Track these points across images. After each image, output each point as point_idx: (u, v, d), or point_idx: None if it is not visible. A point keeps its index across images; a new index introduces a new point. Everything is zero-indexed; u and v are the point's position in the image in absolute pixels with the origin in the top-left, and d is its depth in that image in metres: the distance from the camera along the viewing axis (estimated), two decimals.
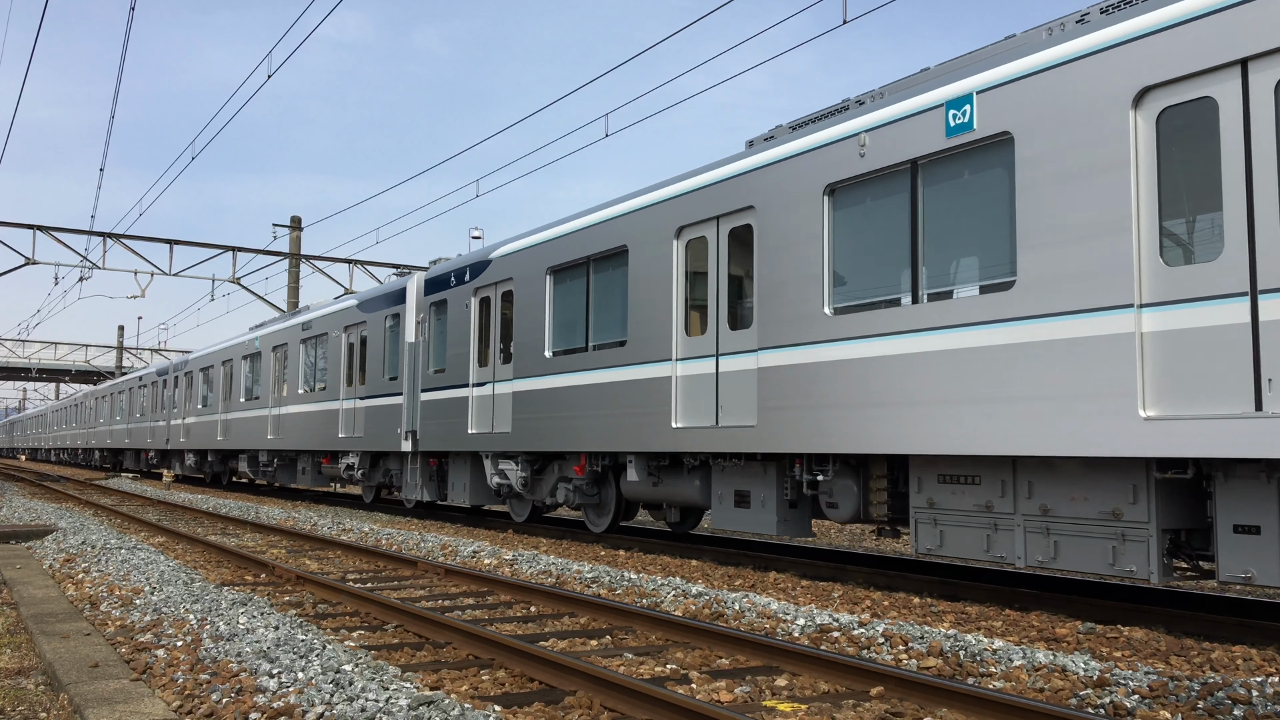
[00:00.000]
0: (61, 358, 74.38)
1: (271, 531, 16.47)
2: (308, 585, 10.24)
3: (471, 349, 17.22)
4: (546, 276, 15.17)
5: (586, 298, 14.33)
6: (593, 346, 14.10)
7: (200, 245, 33.74)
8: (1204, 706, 5.41)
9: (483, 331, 17.05)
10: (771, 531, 11.39)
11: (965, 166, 9.35)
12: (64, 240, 31.89)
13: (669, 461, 13.17)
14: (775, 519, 11.40)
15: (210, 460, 34.05)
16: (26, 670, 6.71)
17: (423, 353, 19.01)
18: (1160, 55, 7.69)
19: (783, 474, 11.44)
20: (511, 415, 15.75)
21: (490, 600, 9.51)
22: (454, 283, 17.98)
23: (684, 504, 13.11)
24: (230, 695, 5.48)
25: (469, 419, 17.11)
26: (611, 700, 5.46)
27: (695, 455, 12.59)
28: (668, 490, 13.26)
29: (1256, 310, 7.12)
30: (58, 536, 14.87)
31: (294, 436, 25.11)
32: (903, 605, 9.14)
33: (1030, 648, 6.81)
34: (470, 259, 17.65)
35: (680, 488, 13.01)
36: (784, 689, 6.02)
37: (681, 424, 12.34)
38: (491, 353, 16.68)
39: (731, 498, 12.04)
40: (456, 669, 6.49)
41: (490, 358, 16.71)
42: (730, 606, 8.54)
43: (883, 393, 9.76)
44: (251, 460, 29.10)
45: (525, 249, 15.82)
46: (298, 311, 26.85)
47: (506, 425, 15.93)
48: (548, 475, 15.73)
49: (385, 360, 20.43)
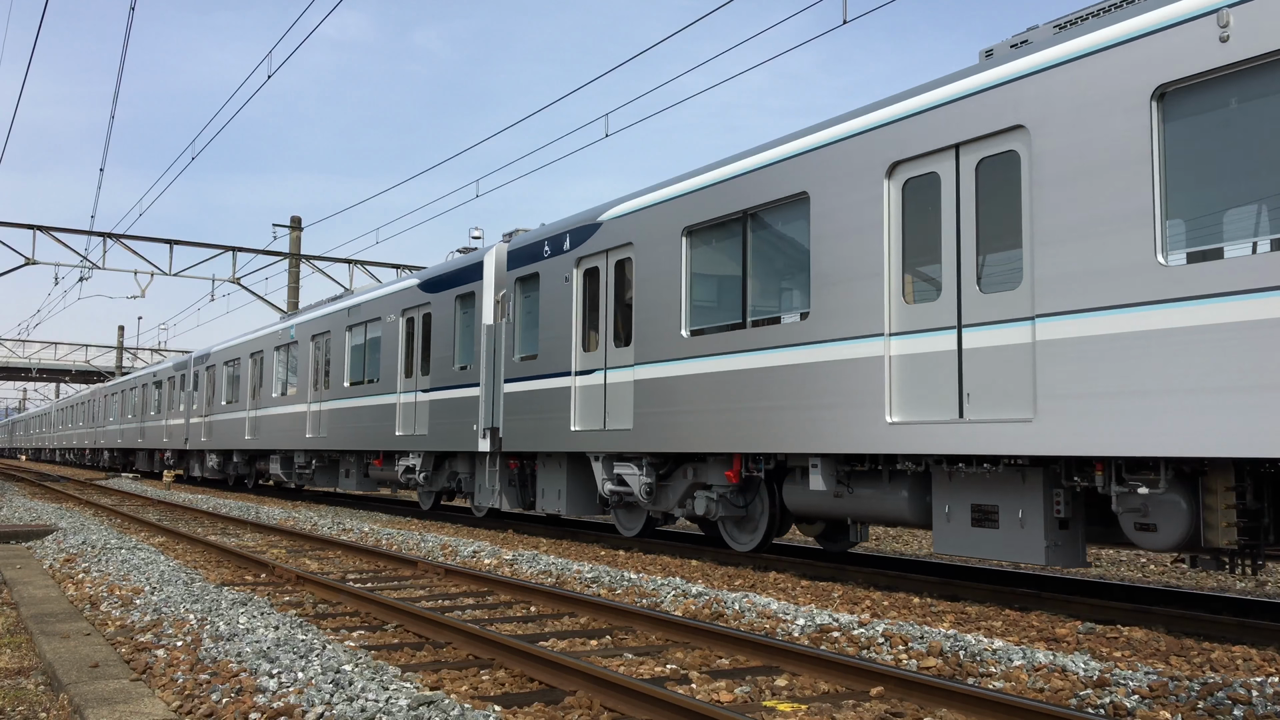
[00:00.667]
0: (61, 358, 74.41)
1: (271, 531, 16.47)
2: (308, 585, 10.24)
3: (574, 330, 14.57)
4: (681, 239, 12.46)
5: (743, 261, 11.68)
6: (752, 322, 11.55)
7: (200, 245, 33.77)
8: (1204, 706, 5.41)
9: (589, 309, 14.43)
10: (1036, 560, 8.71)
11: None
12: (64, 240, 31.90)
13: (866, 466, 10.51)
14: (1042, 543, 8.71)
15: (235, 462, 31.36)
16: (26, 670, 6.71)
17: (505, 337, 16.35)
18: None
19: (1051, 483, 8.85)
20: (633, 409, 13.14)
21: (490, 600, 9.51)
22: (548, 253, 15.29)
23: (882, 519, 10.52)
24: (230, 695, 5.49)
25: (572, 414, 14.47)
26: (611, 700, 5.46)
27: (917, 459, 9.80)
28: (859, 502, 10.66)
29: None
30: (58, 536, 14.87)
31: (338, 435, 22.33)
32: (903, 605, 9.14)
33: (1030, 648, 6.81)
34: (569, 223, 14.99)
35: (880, 500, 10.41)
36: (784, 689, 6.02)
37: (899, 418, 9.69)
38: (602, 334, 14.11)
39: (966, 514, 9.39)
40: (456, 669, 6.49)
41: (600, 340, 14.14)
42: (730, 606, 8.54)
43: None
44: (285, 462, 26.65)
45: (648, 208, 13.17)
46: (341, 295, 24.48)
47: (624, 421, 13.38)
48: (675, 481, 13.17)
49: (455, 346, 17.81)
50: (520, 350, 16.08)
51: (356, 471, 22.52)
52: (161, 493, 28.85)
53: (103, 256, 32.68)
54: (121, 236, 32.54)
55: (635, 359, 13.23)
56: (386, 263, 36.07)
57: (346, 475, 23.05)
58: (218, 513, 20.03)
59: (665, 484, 13.37)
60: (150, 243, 34.36)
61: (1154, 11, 7.85)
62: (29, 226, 31.10)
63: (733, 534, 12.86)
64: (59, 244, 31.90)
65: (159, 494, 28.12)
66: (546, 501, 15.73)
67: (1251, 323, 7.09)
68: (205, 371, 33.23)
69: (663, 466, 13.36)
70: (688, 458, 12.96)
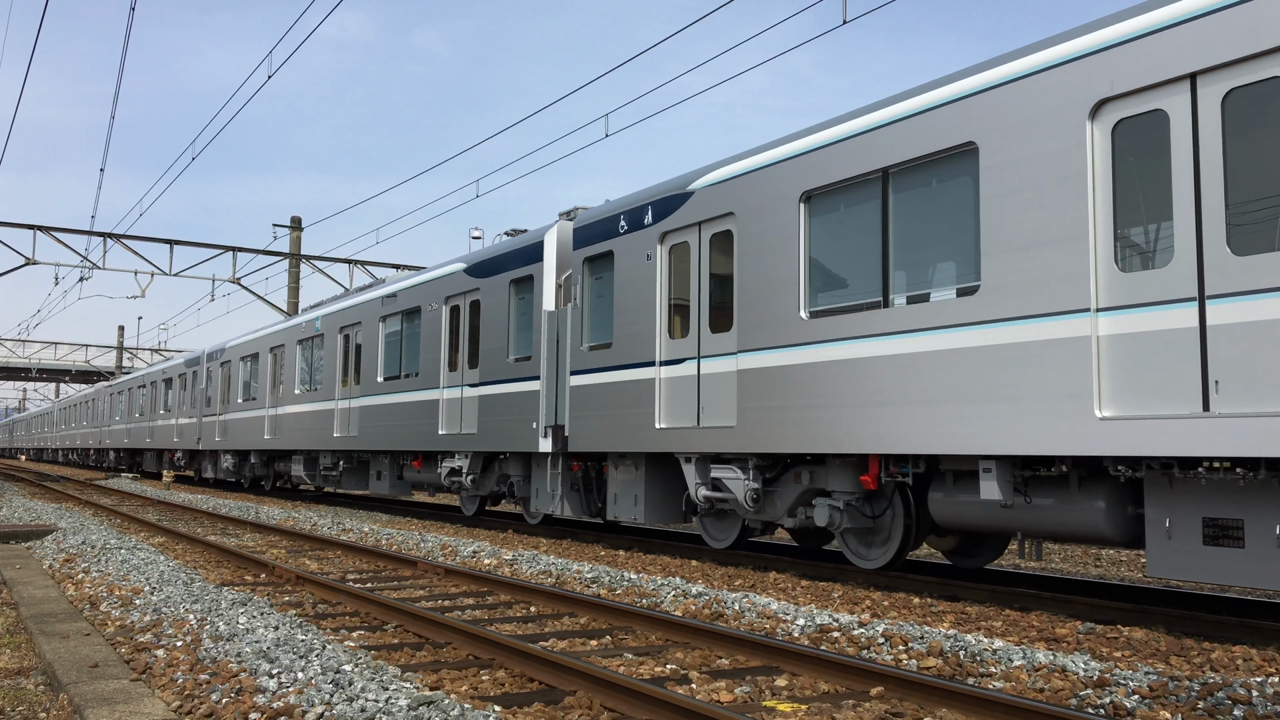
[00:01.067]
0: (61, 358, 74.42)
1: (271, 531, 16.47)
2: (308, 585, 10.24)
3: (658, 314, 12.97)
4: (798, 205, 10.91)
5: (882, 229, 10.06)
6: (895, 300, 9.97)
7: (200, 245, 33.79)
8: (1204, 706, 5.41)
9: (675, 290, 12.82)
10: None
11: None
12: (64, 240, 31.91)
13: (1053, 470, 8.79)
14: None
15: (253, 463, 29.47)
16: (26, 670, 6.71)
17: (572, 324, 14.66)
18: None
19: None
20: (737, 403, 11.58)
21: (490, 600, 9.51)
22: (624, 228, 13.63)
23: (1066, 534, 8.92)
24: (230, 695, 5.48)
25: (656, 409, 12.82)
26: (611, 700, 5.46)
27: (1133, 462, 8.13)
28: (1037, 515, 9.02)
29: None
30: (58, 536, 14.87)
31: (370, 434, 20.73)
32: (903, 605, 9.14)
33: (1030, 648, 6.81)
34: (649, 195, 13.32)
35: (1066, 512, 8.80)
36: (784, 689, 6.02)
37: (1112, 412, 8.04)
38: (695, 319, 12.45)
39: (1196, 530, 7.76)
40: (456, 669, 6.49)
41: (692, 325, 12.49)
42: (730, 606, 8.54)
43: None
44: (308, 463, 24.99)
45: (755, 172, 11.55)
46: (372, 285, 22.81)
47: (724, 417, 11.81)
48: (784, 487, 11.57)
49: (510, 336, 16.19)
50: (590, 338, 14.39)
51: (389, 473, 20.91)
52: (161, 493, 28.85)
53: (103, 256, 32.68)
54: (121, 236, 32.55)
55: (739, 346, 11.59)
56: (386, 263, 36.09)
57: (378, 478, 21.41)
58: (217, 513, 20.03)
59: (772, 490, 11.74)
60: (150, 243, 34.38)
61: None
62: (29, 226, 31.11)
63: (857, 549, 11.09)
64: (59, 244, 31.91)
65: (159, 494, 28.12)
66: (619, 508, 14.02)
67: None
68: (220, 368, 31.62)
69: (770, 470, 11.73)
70: (800, 460, 11.47)
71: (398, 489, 20.76)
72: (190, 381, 34.81)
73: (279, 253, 35.82)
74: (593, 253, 14.36)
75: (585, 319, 14.51)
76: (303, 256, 36.46)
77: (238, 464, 30.83)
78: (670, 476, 13.77)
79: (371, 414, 20.73)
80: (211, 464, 33.60)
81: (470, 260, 17.54)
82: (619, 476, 14.13)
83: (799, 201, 10.97)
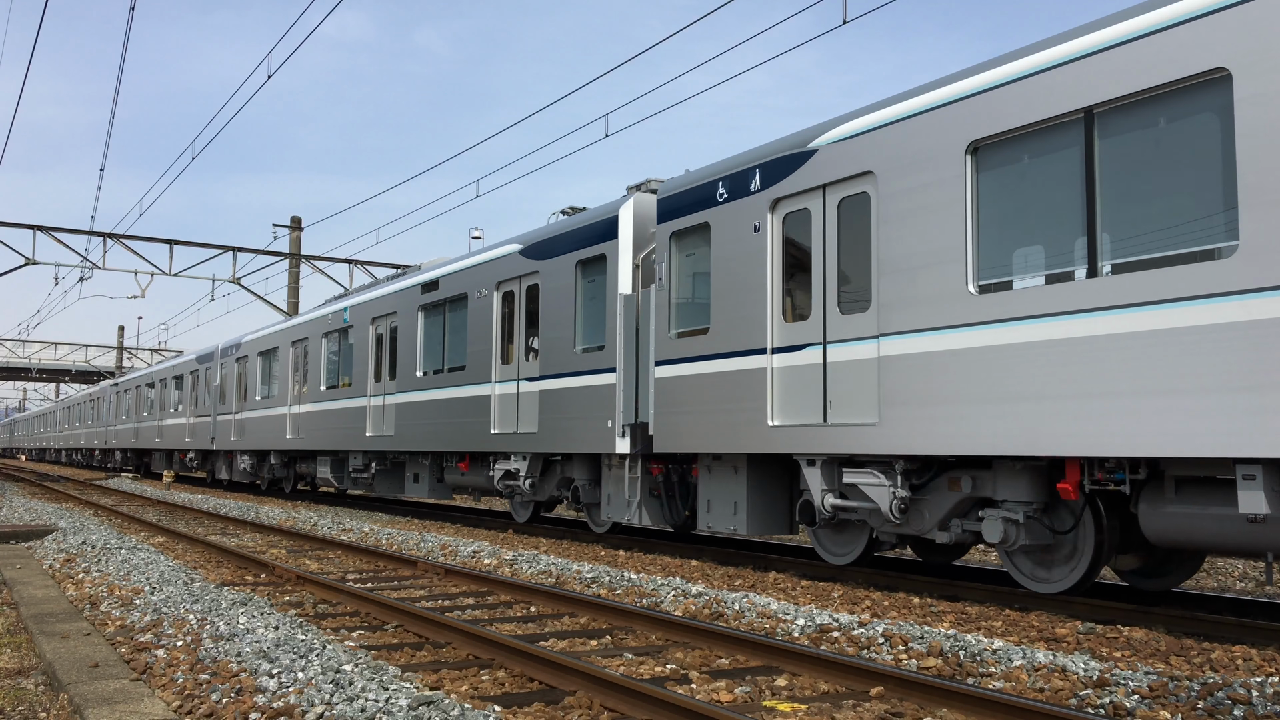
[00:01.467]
0: (61, 358, 74.43)
1: (271, 531, 16.48)
2: (308, 585, 10.25)
3: (769, 295, 11.23)
4: (964, 159, 9.16)
5: (1086, 182, 8.30)
6: (1108, 268, 8.17)
7: (200, 245, 33.80)
8: (1204, 706, 5.41)
9: (791, 265, 11.16)
10: None
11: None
12: (64, 240, 31.91)
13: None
14: None
15: (272, 464, 27.73)
16: (26, 670, 6.71)
17: (656, 308, 12.94)
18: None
19: None
20: (878, 396, 9.89)
21: (490, 600, 9.51)
22: (723, 196, 11.93)
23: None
24: (230, 695, 5.49)
25: (768, 403, 11.15)
26: (611, 700, 5.46)
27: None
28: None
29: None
30: (58, 536, 14.87)
31: (408, 433, 19.12)
32: (903, 605, 9.14)
33: (1030, 648, 6.82)
34: (755, 157, 11.60)
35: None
36: (784, 689, 6.02)
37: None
38: (818, 298, 10.75)
39: None
40: (456, 669, 6.50)
41: (814, 306, 10.78)
42: (730, 606, 8.54)
43: None
44: (336, 464, 23.42)
45: (901, 121, 9.82)
46: (409, 271, 20.97)
47: (861, 412, 10.14)
48: (937, 495, 9.83)
49: (577, 323, 14.58)
50: (680, 323, 12.65)
51: (428, 476, 19.16)
52: (161, 493, 28.85)
53: (103, 256, 32.69)
54: (121, 236, 32.56)
55: (879, 329, 9.92)
56: (386, 263, 36.11)
57: (415, 480, 19.75)
58: (217, 513, 20.03)
59: (921, 498, 10.03)
60: (150, 243, 34.38)
61: None
62: (29, 226, 31.12)
63: (1031, 570, 9.42)
64: (59, 244, 31.92)
65: (159, 494, 28.12)
66: (714, 517, 12.28)
67: None
68: (235, 364, 30.04)
69: (922, 475, 10.00)
70: (957, 463, 9.74)
71: (437, 493, 19.11)
72: (203, 378, 33.30)
73: (279, 253, 35.83)
74: (683, 226, 12.61)
75: (673, 302, 12.78)
76: (303, 256, 36.47)
77: (255, 465, 29.38)
78: (777, 481, 12.09)
79: (410, 412, 19.16)
80: (226, 465, 32.17)
81: (527, 241, 15.86)
82: (713, 481, 12.38)
83: (965, 154, 9.18)
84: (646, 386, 13.17)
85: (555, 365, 14.92)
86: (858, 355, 10.26)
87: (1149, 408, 7.67)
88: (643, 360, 13.34)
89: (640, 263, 13.71)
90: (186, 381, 35.28)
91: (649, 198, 13.97)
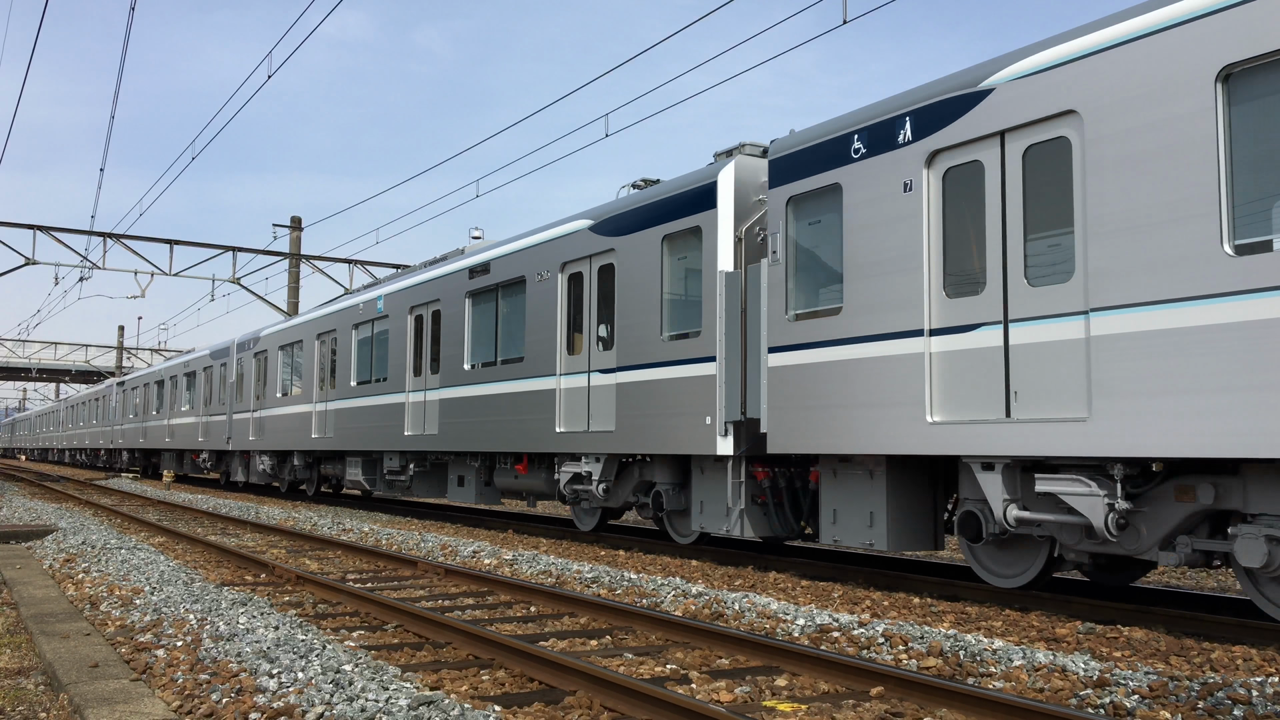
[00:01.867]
0: (61, 358, 74.44)
1: (271, 531, 16.48)
2: (308, 585, 10.25)
3: (925, 265, 9.51)
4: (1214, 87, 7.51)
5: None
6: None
7: (200, 245, 33.81)
8: (1204, 706, 5.41)
9: (953, 230, 9.39)
10: None
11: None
12: (64, 240, 31.92)
13: None
14: None
15: (295, 465, 26.16)
16: (26, 670, 6.71)
17: (769, 285, 11.29)
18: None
19: None
20: (1088, 383, 8.19)
21: (490, 600, 9.51)
22: (859, 152, 10.26)
23: None
24: (230, 695, 5.49)
25: (926, 396, 9.41)
26: (611, 700, 5.47)
27: None
28: None
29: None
30: (58, 536, 14.87)
31: (454, 432, 17.54)
32: (903, 605, 9.15)
33: (1030, 648, 6.82)
34: (905, 102, 9.87)
35: None
36: (784, 689, 6.02)
37: None
38: (990, 268, 9.02)
39: None
40: (456, 669, 6.50)
41: (984, 279, 9.06)
42: (730, 606, 8.54)
43: None
44: (368, 465, 21.93)
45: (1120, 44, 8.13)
46: (453, 255, 19.23)
47: (1067, 405, 8.35)
48: (1161, 507, 8.15)
49: (663, 307, 12.94)
50: (800, 304, 10.99)
51: (475, 479, 17.61)
52: (161, 493, 28.86)
53: (103, 256, 32.70)
54: (121, 236, 32.57)
55: (1089, 303, 8.20)
56: (386, 263, 36.12)
57: (460, 484, 18.16)
58: (217, 513, 20.04)
59: (1138, 510, 8.36)
60: (150, 243, 34.40)
61: None
62: (29, 226, 31.13)
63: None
64: (59, 244, 31.93)
65: (159, 494, 28.13)
66: (842, 529, 10.65)
67: None
68: (253, 359, 28.48)
69: (1135, 482, 8.32)
70: (1188, 468, 8.03)
71: (485, 497, 17.62)
72: (218, 375, 31.56)
73: (279, 253, 35.84)
74: (804, 189, 10.90)
75: (791, 278, 11.08)
76: (303, 256, 36.48)
77: (275, 466, 27.77)
78: (921, 488, 10.42)
79: (455, 408, 17.55)
80: (243, 466, 30.31)
81: (598, 215, 14.28)
82: (840, 488, 10.72)
83: (1215, 81, 7.48)
84: (757, 377, 11.50)
85: (636, 355, 13.32)
86: (1055, 335, 8.51)
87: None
88: (751, 347, 11.69)
89: (743, 235, 12.11)
90: (199, 378, 33.65)
91: (753, 161, 12.36)
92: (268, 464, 27.92)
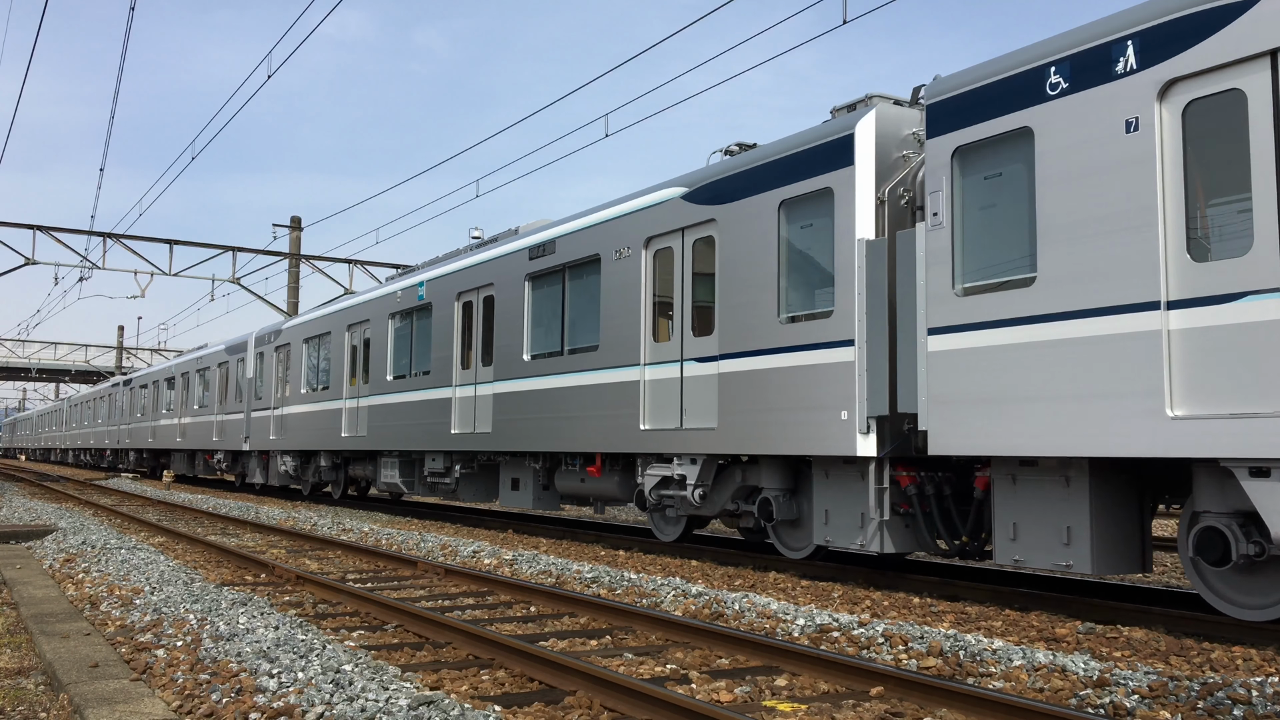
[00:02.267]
0: (61, 358, 74.47)
1: (271, 531, 16.48)
2: (308, 585, 10.25)
3: (1160, 223, 7.68)
4: None
5: None
6: None
7: (200, 245, 33.82)
8: (1204, 706, 5.41)
9: (1200, 180, 7.61)
10: None
11: None
12: (64, 240, 31.93)
13: None
14: None
15: (321, 466, 24.28)
16: (26, 670, 6.71)
17: (928, 255, 9.46)
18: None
19: None
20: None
21: (490, 600, 9.52)
22: (1056, 87, 8.47)
23: None
24: (230, 695, 5.49)
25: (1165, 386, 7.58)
26: (611, 700, 5.47)
27: None
28: None
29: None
30: (58, 536, 14.87)
31: (511, 430, 15.80)
32: (902, 605, 9.14)
33: (1030, 648, 6.82)
34: (1127, 22, 8.03)
35: None
36: (784, 689, 6.02)
37: None
38: (1263, 225, 7.15)
39: None
40: (456, 669, 6.50)
41: (1254, 237, 7.20)
42: (730, 606, 8.54)
43: None
44: (406, 466, 20.13)
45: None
46: (507, 235, 17.52)
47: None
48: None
49: (780, 285, 11.13)
50: (972, 275, 9.16)
51: (533, 482, 15.87)
52: (161, 493, 28.86)
53: (103, 256, 32.70)
54: (121, 236, 32.57)
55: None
56: (386, 263, 36.12)
57: (514, 487, 16.42)
58: (217, 513, 20.04)
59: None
60: (150, 243, 34.41)
61: None
62: (29, 226, 31.14)
63: None
64: (59, 244, 31.94)
65: (158, 494, 28.13)
66: (1025, 547, 8.86)
67: None
68: (274, 353, 26.68)
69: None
70: None
71: (543, 502, 15.87)
72: (233, 371, 29.75)
73: (279, 253, 35.84)
74: (977, 136, 9.09)
75: (960, 245, 9.28)
76: (303, 256, 36.48)
77: (299, 467, 25.86)
78: (1129, 498, 8.69)
79: (512, 403, 15.85)
80: (261, 467, 28.29)
81: (694, 182, 12.47)
82: (1021, 497, 8.96)
83: None
84: (912, 365, 9.64)
85: (744, 340, 11.54)
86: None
87: None
88: (903, 329, 9.82)
89: (885, 197, 10.31)
90: (214, 375, 31.71)
91: (895, 110, 10.63)
92: (290, 465, 26.07)
